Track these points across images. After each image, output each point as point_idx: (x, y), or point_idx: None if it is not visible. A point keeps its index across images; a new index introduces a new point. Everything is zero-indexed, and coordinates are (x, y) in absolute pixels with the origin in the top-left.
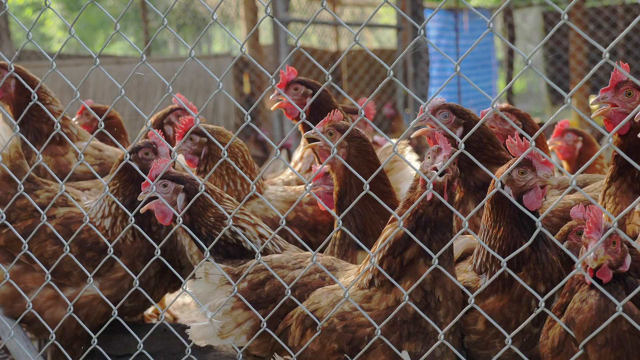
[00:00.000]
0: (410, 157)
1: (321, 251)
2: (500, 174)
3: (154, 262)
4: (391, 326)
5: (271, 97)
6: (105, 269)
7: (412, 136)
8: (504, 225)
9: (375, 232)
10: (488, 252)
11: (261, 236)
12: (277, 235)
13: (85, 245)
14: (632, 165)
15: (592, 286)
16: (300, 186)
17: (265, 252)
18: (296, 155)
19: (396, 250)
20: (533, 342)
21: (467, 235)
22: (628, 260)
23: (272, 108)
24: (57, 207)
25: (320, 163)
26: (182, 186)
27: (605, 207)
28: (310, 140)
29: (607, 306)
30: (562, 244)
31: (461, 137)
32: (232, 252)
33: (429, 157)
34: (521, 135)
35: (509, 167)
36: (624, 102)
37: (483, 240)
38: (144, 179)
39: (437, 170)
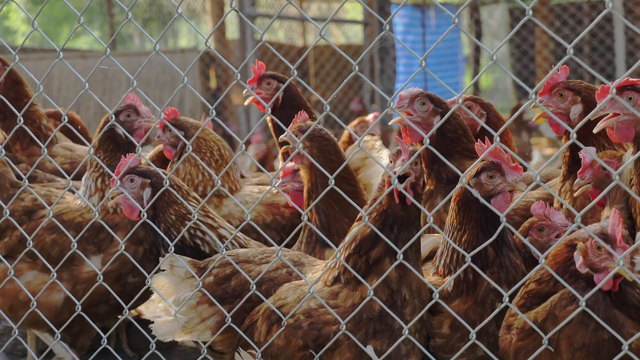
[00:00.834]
0: (382, 152)
1: (287, 246)
2: (468, 177)
3: (147, 239)
4: (357, 323)
5: (244, 92)
6: (106, 245)
7: (390, 123)
8: (469, 229)
9: (339, 230)
10: (452, 254)
11: (222, 238)
12: (238, 235)
13: (81, 228)
14: (579, 163)
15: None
16: (271, 187)
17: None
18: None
19: (362, 249)
20: (498, 345)
21: (435, 235)
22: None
23: (246, 103)
24: (43, 208)
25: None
26: (149, 180)
27: (563, 205)
28: (282, 143)
29: (591, 310)
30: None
31: (439, 127)
32: (188, 254)
33: (390, 161)
34: (487, 135)
35: (476, 170)
36: (557, 103)
37: (448, 243)
38: (130, 144)
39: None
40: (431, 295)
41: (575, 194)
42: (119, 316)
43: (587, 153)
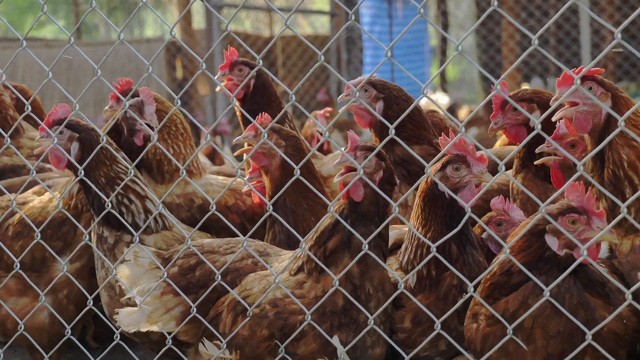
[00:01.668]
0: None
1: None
2: (434, 170)
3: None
4: (321, 316)
5: (215, 77)
6: (70, 237)
7: (339, 111)
8: (434, 226)
9: (307, 230)
10: (416, 250)
11: (147, 211)
12: (165, 213)
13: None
14: (533, 158)
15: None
16: (237, 177)
17: (145, 228)
18: None
19: (321, 240)
20: (459, 341)
21: (398, 227)
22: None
23: (217, 89)
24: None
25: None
26: (77, 134)
27: (517, 197)
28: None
29: (563, 297)
30: (481, 235)
31: (382, 112)
32: (111, 221)
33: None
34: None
35: (441, 164)
36: (514, 116)
37: (412, 239)
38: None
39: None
40: (396, 288)
41: (537, 162)
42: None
43: (561, 124)
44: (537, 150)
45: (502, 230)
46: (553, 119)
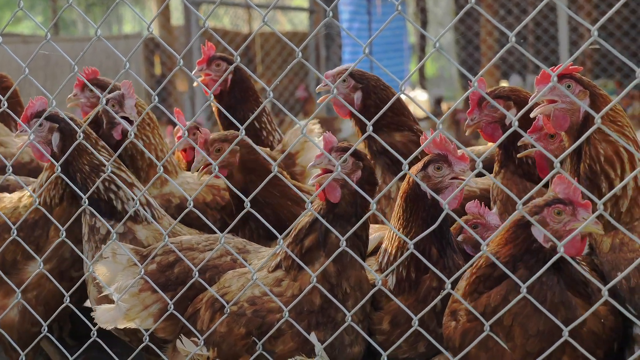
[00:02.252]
0: (320, 137)
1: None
2: (415, 170)
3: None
4: (299, 314)
5: (193, 72)
6: (42, 241)
7: (317, 101)
8: (415, 227)
9: (289, 216)
10: (396, 252)
11: (134, 199)
12: (153, 203)
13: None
14: (512, 157)
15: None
16: (214, 174)
17: (135, 216)
18: None
19: (298, 238)
20: (438, 342)
21: (381, 230)
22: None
23: (194, 84)
24: None
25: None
26: (57, 125)
27: (497, 196)
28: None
29: (545, 295)
30: (457, 237)
31: (360, 101)
32: (103, 208)
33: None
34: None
35: (423, 163)
36: (491, 113)
37: (392, 240)
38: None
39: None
40: (373, 287)
41: (520, 155)
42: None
43: (538, 120)
44: (519, 143)
45: (478, 233)
46: (531, 115)
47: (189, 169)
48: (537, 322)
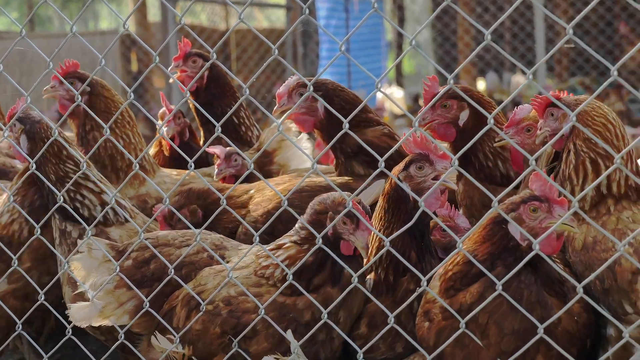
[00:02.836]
0: (298, 136)
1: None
2: (397, 171)
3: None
4: (281, 316)
5: (170, 68)
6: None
7: (279, 123)
8: (396, 229)
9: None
10: (375, 253)
11: (104, 204)
12: (125, 204)
13: None
14: (470, 162)
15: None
16: (197, 170)
17: (105, 220)
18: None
19: (303, 276)
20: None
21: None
22: None
23: (170, 80)
24: None
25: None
26: (23, 127)
27: (462, 201)
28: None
29: (522, 294)
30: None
31: (323, 108)
32: (70, 215)
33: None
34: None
35: (404, 164)
36: (444, 114)
37: (373, 241)
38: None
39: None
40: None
41: (496, 144)
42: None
43: (522, 110)
44: (496, 144)
45: (447, 235)
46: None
47: (172, 159)
48: (512, 321)
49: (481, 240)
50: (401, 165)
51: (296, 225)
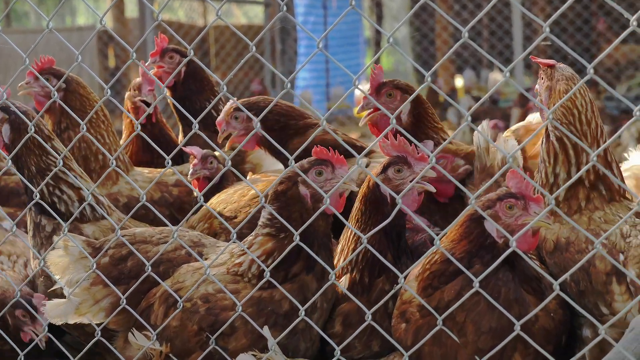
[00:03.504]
0: None
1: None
2: (375, 173)
3: None
4: (260, 311)
5: (146, 64)
6: None
7: (227, 147)
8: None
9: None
10: (350, 254)
11: (82, 200)
12: (102, 200)
13: None
14: None
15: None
16: (167, 169)
17: (81, 217)
18: None
19: (283, 264)
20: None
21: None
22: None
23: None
24: None
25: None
26: (7, 116)
27: None
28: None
29: (499, 291)
30: None
31: (264, 124)
32: (46, 210)
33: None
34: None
35: (382, 166)
36: (387, 103)
37: (349, 242)
38: None
39: None
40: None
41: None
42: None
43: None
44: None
45: (412, 236)
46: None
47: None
48: (489, 319)
49: (458, 238)
50: (379, 167)
51: (264, 219)
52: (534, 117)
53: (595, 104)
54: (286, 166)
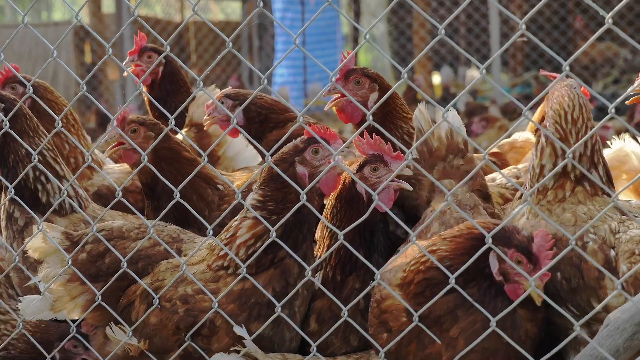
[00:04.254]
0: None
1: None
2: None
3: None
4: (242, 305)
5: (124, 62)
6: None
7: (205, 128)
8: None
9: (195, 207)
10: (325, 251)
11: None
12: (81, 192)
13: None
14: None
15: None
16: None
17: (60, 209)
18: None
19: (270, 249)
20: (364, 339)
21: None
22: None
23: (124, 74)
24: None
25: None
26: (3, 105)
27: None
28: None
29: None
30: None
31: (243, 116)
32: (26, 197)
33: None
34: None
35: (359, 165)
36: (354, 90)
37: (325, 238)
38: None
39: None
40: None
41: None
42: None
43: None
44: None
45: None
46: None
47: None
48: (483, 341)
49: (454, 247)
50: (355, 166)
51: (254, 202)
52: (520, 135)
53: (587, 106)
54: (262, 155)
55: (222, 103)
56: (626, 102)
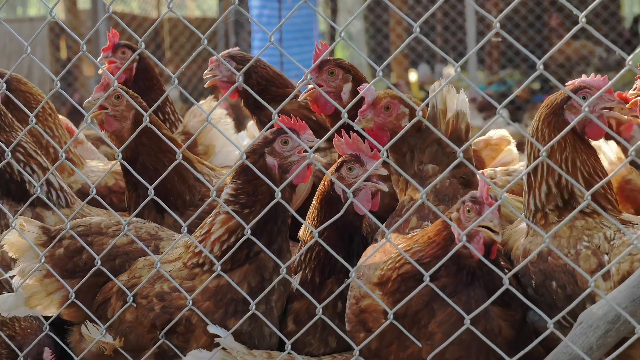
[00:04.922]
0: (226, 121)
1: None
2: (331, 172)
3: None
4: (218, 302)
5: (98, 59)
6: None
7: (205, 86)
8: (328, 231)
9: (173, 189)
10: (306, 252)
11: (50, 184)
12: (66, 188)
13: None
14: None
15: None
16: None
17: (46, 203)
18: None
19: (245, 243)
20: (342, 340)
21: None
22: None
23: (99, 71)
24: None
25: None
26: None
27: None
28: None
29: (471, 306)
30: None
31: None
32: (13, 190)
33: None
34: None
35: (337, 165)
36: (328, 81)
37: (307, 238)
38: None
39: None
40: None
41: (359, 126)
42: None
43: (369, 92)
44: (358, 126)
45: None
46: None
47: None
48: (461, 333)
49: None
50: (334, 166)
51: (226, 197)
52: (495, 133)
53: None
54: (262, 122)
55: (228, 69)
56: (627, 104)
